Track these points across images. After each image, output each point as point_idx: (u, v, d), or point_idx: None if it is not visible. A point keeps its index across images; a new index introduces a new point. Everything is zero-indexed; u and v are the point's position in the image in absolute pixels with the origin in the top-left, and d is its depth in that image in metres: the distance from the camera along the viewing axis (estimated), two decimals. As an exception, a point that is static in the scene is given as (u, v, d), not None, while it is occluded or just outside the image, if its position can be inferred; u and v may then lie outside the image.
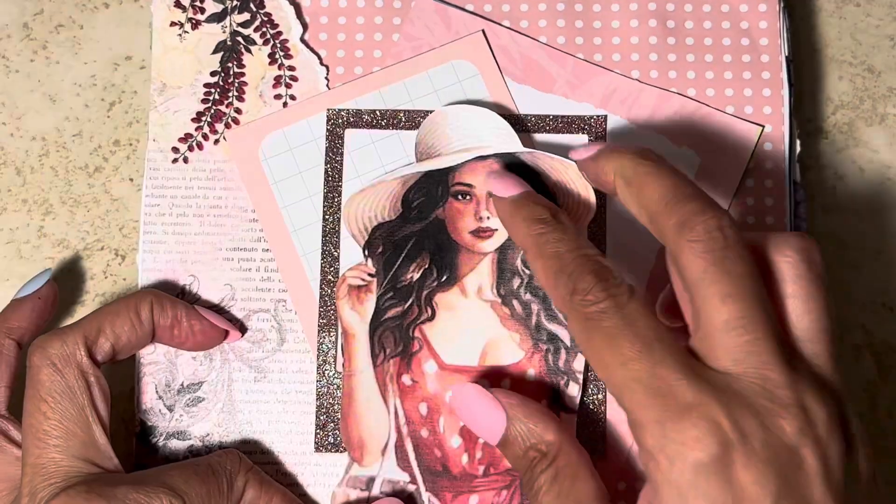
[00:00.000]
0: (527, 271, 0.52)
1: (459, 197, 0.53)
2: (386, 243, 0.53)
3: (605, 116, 0.54)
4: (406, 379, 0.52)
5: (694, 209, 0.42)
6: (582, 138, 0.54)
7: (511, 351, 0.52)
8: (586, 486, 0.43)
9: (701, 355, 0.41)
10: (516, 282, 0.52)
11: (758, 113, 0.54)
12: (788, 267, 0.42)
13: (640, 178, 0.44)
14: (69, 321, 0.56)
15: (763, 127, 0.54)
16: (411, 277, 0.52)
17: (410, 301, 0.52)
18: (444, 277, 0.52)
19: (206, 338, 0.51)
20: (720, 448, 0.37)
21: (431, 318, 0.52)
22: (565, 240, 0.45)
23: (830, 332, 0.42)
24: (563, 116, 0.54)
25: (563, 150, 0.53)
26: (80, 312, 0.56)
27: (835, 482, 0.38)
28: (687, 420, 0.38)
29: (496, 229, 0.52)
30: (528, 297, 0.52)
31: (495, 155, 0.53)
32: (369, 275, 0.53)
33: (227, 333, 0.52)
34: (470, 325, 0.52)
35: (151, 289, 0.52)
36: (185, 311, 0.51)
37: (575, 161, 0.49)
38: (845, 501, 0.38)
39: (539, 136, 0.54)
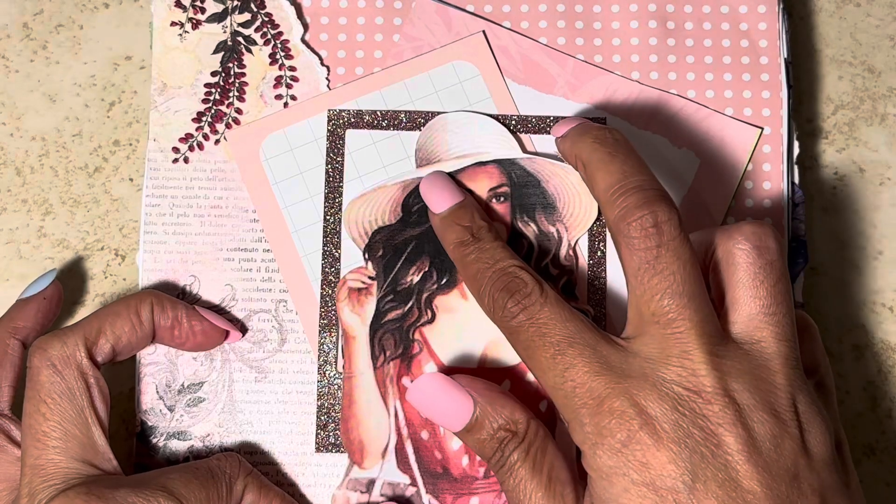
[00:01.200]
0: (527, 274, 0.52)
1: (458, 202, 0.53)
2: (386, 247, 0.53)
3: (606, 118, 0.54)
4: (406, 381, 0.52)
5: (633, 203, 0.43)
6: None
7: (510, 353, 0.52)
8: (558, 457, 0.44)
9: (631, 341, 0.43)
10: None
11: (757, 115, 0.54)
12: (740, 253, 0.44)
13: (594, 165, 0.46)
14: (69, 321, 0.56)
15: (762, 129, 0.54)
16: (411, 280, 0.53)
17: (410, 304, 0.52)
18: (444, 280, 0.52)
19: (207, 338, 0.51)
20: (628, 433, 0.40)
21: (431, 321, 0.52)
22: (482, 258, 0.47)
23: (780, 315, 0.43)
24: (563, 118, 0.54)
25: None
26: (80, 312, 0.56)
27: (761, 461, 0.39)
28: (597, 414, 0.40)
29: (496, 233, 0.53)
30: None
31: (495, 161, 0.53)
32: (369, 278, 0.53)
33: (227, 334, 0.52)
34: (470, 327, 0.52)
35: (152, 289, 0.52)
36: (186, 312, 0.51)
37: (553, 136, 0.51)
38: (775, 478, 0.39)
39: (539, 137, 0.54)
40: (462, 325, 0.52)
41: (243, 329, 0.53)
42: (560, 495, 0.43)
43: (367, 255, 0.53)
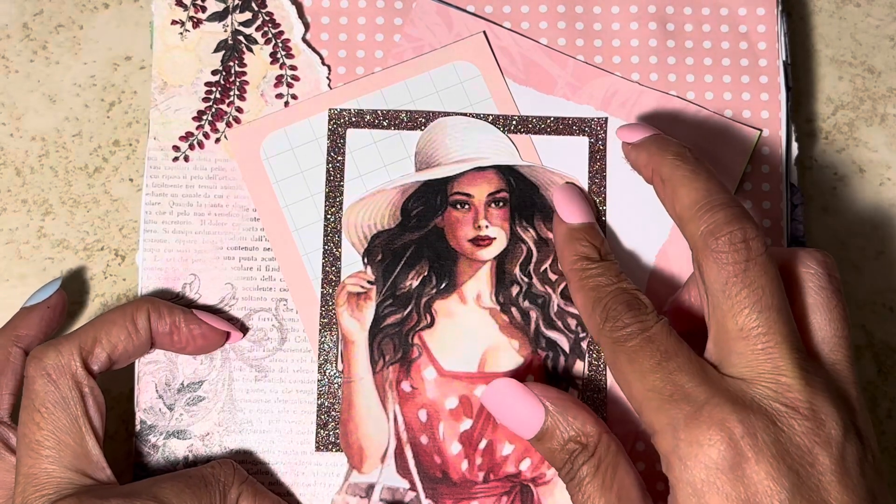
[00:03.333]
0: (525, 279, 0.52)
1: (458, 206, 0.53)
2: (385, 251, 0.53)
3: (606, 118, 0.54)
4: (405, 385, 0.52)
5: (722, 219, 0.43)
6: (582, 140, 0.54)
7: (510, 358, 0.52)
8: (628, 476, 0.44)
9: (716, 362, 0.43)
10: (515, 289, 0.52)
11: (756, 117, 0.54)
12: (812, 278, 0.45)
13: (676, 181, 0.46)
14: (69, 321, 0.56)
15: (761, 131, 0.54)
16: (410, 285, 0.53)
17: (410, 308, 0.52)
18: (443, 285, 0.52)
19: (207, 341, 0.51)
20: (729, 446, 0.39)
21: (430, 325, 0.52)
22: (606, 275, 0.47)
23: (849, 340, 0.44)
24: (563, 118, 0.54)
25: (562, 158, 0.54)
26: (80, 313, 0.56)
27: (852, 482, 0.39)
28: (698, 422, 0.40)
29: (494, 238, 0.53)
30: (526, 304, 0.52)
31: (494, 166, 0.53)
32: (368, 282, 0.53)
33: (228, 335, 0.52)
34: (469, 332, 0.52)
35: (149, 296, 0.52)
36: (184, 317, 0.51)
37: (620, 140, 0.51)
38: (862, 499, 0.39)
39: (540, 138, 0.54)
40: (461, 329, 0.52)
41: (243, 329, 0.53)
42: None
43: (366, 260, 0.53)
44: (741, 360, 0.42)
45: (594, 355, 0.52)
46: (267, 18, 0.55)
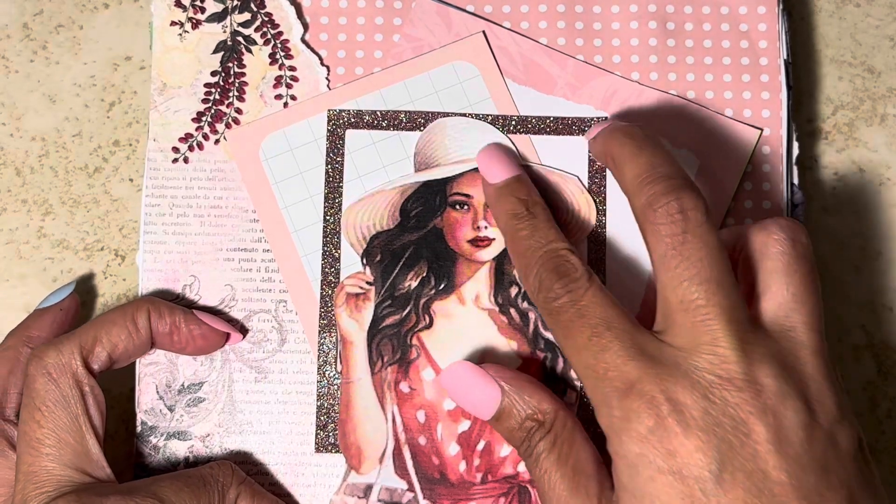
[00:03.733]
0: (525, 280, 0.52)
1: (457, 206, 0.53)
2: (384, 252, 0.53)
3: (606, 118, 0.54)
4: (404, 386, 0.52)
5: (661, 190, 0.43)
6: (582, 140, 0.54)
7: (509, 359, 0.52)
8: (584, 449, 0.44)
9: (662, 332, 0.43)
10: (514, 290, 0.52)
11: (756, 116, 0.54)
12: (774, 244, 0.44)
13: (623, 157, 0.46)
14: (69, 321, 0.56)
15: (762, 130, 0.54)
16: (409, 286, 0.53)
17: (408, 309, 0.52)
18: (442, 286, 0.52)
19: (207, 342, 0.51)
20: (657, 422, 0.40)
21: (429, 326, 0.52)
22: (535, 235, 0.47)
23: (810, 306, 0.43)
24: (563, 118, 0.54)
25: (562, 158, 0.53)
26: (80, 312, 0.56)
27: (794, 450, 0.39)
28: (629, 399, 0.40)
29: (494, 238, 0.53)
30: (525, 305, 0.52)
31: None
32: (367, 283, 0.53)
33: (228, 336, 0.52)
34: (468, 333, 0.52)
35: (149, 296, 0.52)
36: (184, 317, 0.51)
37: (587, 141, 0.52)
38: (804, 470, 0.39)
39: (539, 138, 0.54)
40: (460, 330, 0.52)
41: (243, 330, 0.53)
42: (584, 488, 0.43)
43: (365, 261, 0.53)
44: (681, 331, 0.42)
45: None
46: (266, 19, 0.55)
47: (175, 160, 0.54)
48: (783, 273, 0.44)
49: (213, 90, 0.55)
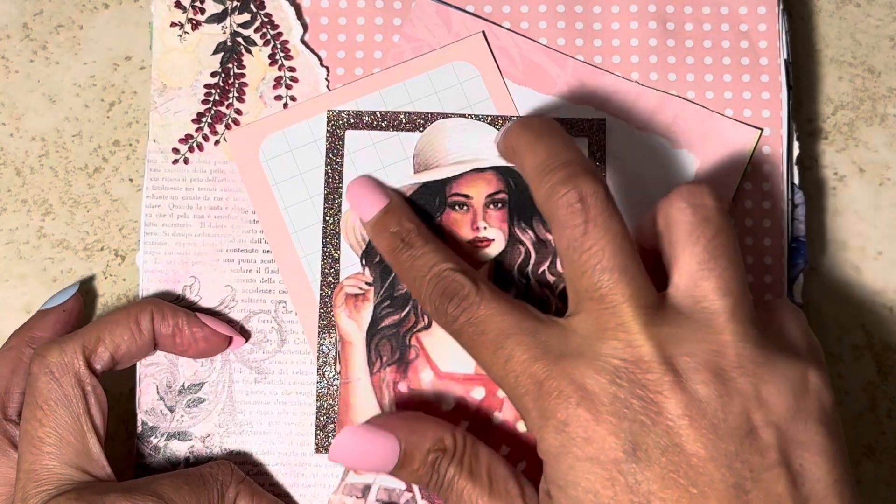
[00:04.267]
0: (523, 281, 0.52)
1: (456, 207, 0.53)
2: (384, 253, 0.53)
3: (605, 119, 0.54)
4: (402, 387, 0.52)
5: (559, 179, 0.43)
6: (582, 141, 0.54)
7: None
8: (490, 455, 0.45)
9: (570, 319, 0.43)
10: (513, 291, 0.52)
11: (756, 116, 0.54)
12: (677, 213, 0.43)
13: (521, 149, 0.46)
14: (70, 321, 0.56)
15: (762, 130, 0.54)
16: (408, 287, 0.53)
17: (407, 309, 0.52)
18: (442, 287, 0.53)
19: (210, 345, 0.52)
20: (569, 413, 0.40)
21: (428, 327, 0.52)
22: (416, 264, 0.47)
23: (720, 269, 0.42)
24: (563, 119, 0.54)
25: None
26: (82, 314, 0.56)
27: (708, 421, 0.39)
28: (541, 398, 0.40)
29: (493, 239, 0.53)
30: (524, 306, 0.52)
31: (493, 167, 0.53)
32: (366, 283, 0.53)
33: (230, 340, 0.52)
34: (466, 333, 0.52)
35: (153, 298, 0.52)
36: (187, 319, 0.51)
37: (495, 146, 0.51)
38: (722, 439, 0.38)
39: (539, 139, 0.54)
40: (458, 331, 0.52)
41: (245, 334, 0.53)
42: (504, 491, 0.43)
43: (364, 261, 0.53)
44: (589, 318, 0.41)
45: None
46: (266, 20, 0.55)
47: (175, 161, 0.54)
48: (686, 243, 0.43)
49: (212, 91, 0.55)
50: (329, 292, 0.53)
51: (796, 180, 0.54)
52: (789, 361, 0.41)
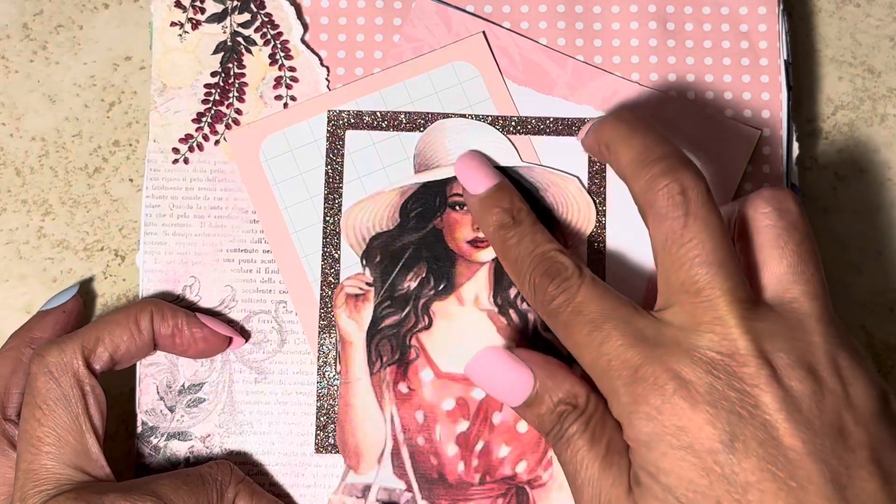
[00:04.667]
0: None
1: (457, 207, 0.53)
2: (384, 253, 0.53)
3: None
4: (403, 387, 0.52)
5: (658, 172, 0.43)
6: (576, 143, 0.54)
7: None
8: (615, 429, 0.44)
9: (662, 312, 0.43)
10: (513, 291, 0.52)
11: (756, 116, 0.54)
12: (762, 218, 0.44)
13: (616, 143, 0.46)
14: (70, 321, 0.56)
15: (762, 131, 0.54)
16: (408, 286, 0.53)
17: (408, 310, 0.52)
18: (442, 286, 0.53)
19: (209, 345, 0.52)
20: (665, 401, 0.40)
21: (428, 327, 0.52)
22: (523, 242, 0.47)
23: (809, 275, 0.43)
24: (563, 119, 0.54)
25: (562, 159, 0.54)
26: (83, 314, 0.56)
27: (804, 416, 0.39)
28: (635, 385, 0.41)
29: (493, 239, 0.53)
30: (524, 306, 0.52)
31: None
32: (367, 284, 0.53)
33: (230, 341, 0.52)
34: (467, 333, 0.52)
35: (153, 298, 0.52)
36: (187, 320, 0.51)
37: (580, 141, 0.51)
38: (817, 434, 0.39)
39: (539, 139, 0.54)
40: (459, 331, 0.52)
41: (246, 334, 0.53)
42: (616, 465, 0.43)
43: (364, 262, 0.53)
44: (683, 311, 0.42)
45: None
46: (266, 19, 0.55)
47: (175, 161, 0.54)
48: (774, 246, 0.44)
49: (213, 91, 0.55)
50: (329, 292, 0.53)
51: (796, 180, 0.54)
52: (871, 368, 0.42)
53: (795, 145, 0.54)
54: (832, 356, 0.41)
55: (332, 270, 0.53)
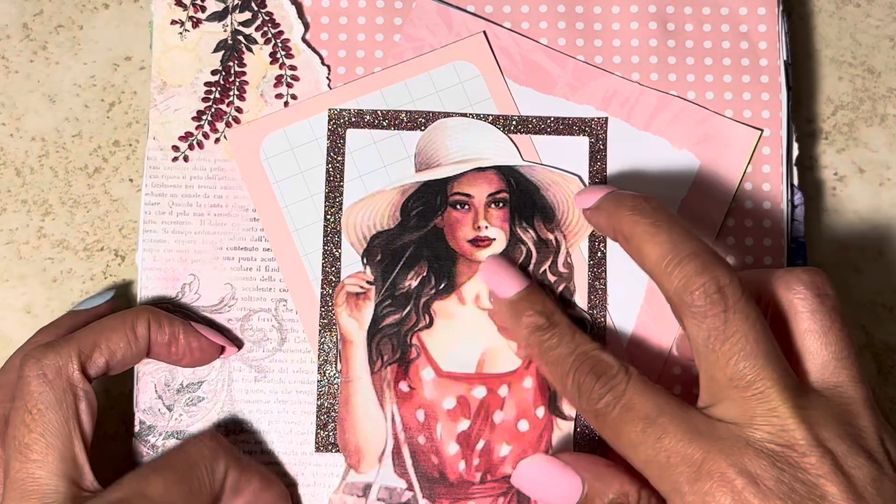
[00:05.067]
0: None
1: (458, 206, 0.53)
2: (384, 251, 0.53)
3: (606, 119, 0.54)
4: (403, 386, 0.52)
5: (692, 271, 0.43)
6: (582, 140, 0.54)
7: (508, 359, 0.52)
8: None
9: (711, 409, 0.42)
10: (514, 292, 0.52)
11: (756, 117, 0.54)
12: (802, 303, 0.44)
13: (639, 238, 0.45)
14: (68, 321, 0.56)
15: (762, 131, 0.54)
16: (409, 285, 0.53)
17: (408, 309, 0.52)
18: (442, 285, 0.53)
19: (204, 355, 0.51)
20: (732, 495, 0.39)
21: (429, 326, 0.52)
22: (563, 343, 0.47)
23: (852, 359, 0.43)
24: (563, 118, 0.54)
25: (562, 158, 0.54)
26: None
27: (868, 502, 0.39)
28: (699, 482, 0.40)
29: (494, 238, 0.53)
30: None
31: (494, 167, 0.53)
32: (368, 282, 0.53)
33: (223, 349, 0.52)
34: (467, 332, 0.52)
35: (148, 305, 0.52)
36: (183, 329, 0.50)
37: (578, 208, 0.51)
38: None
39: (540, 138, 0.54)
40: (460, 330, 0.52)
41: (238, 342, 0.53)
42: None
43: (365, 260, 0.53)
44: (734, 406, 0.41)
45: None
46: (266, 18, 0.55)
47: (175, 159, 0.54)
48: (819, 333, 0.43)
49: (213, 89, 0.55)
50: (330, 291, 0.53)
51: (796, 181, 0.54)
52: None
53: (795, 145, 0.54)
54: (881, 440, 0.41)
55: (333, 269, 0.53)
